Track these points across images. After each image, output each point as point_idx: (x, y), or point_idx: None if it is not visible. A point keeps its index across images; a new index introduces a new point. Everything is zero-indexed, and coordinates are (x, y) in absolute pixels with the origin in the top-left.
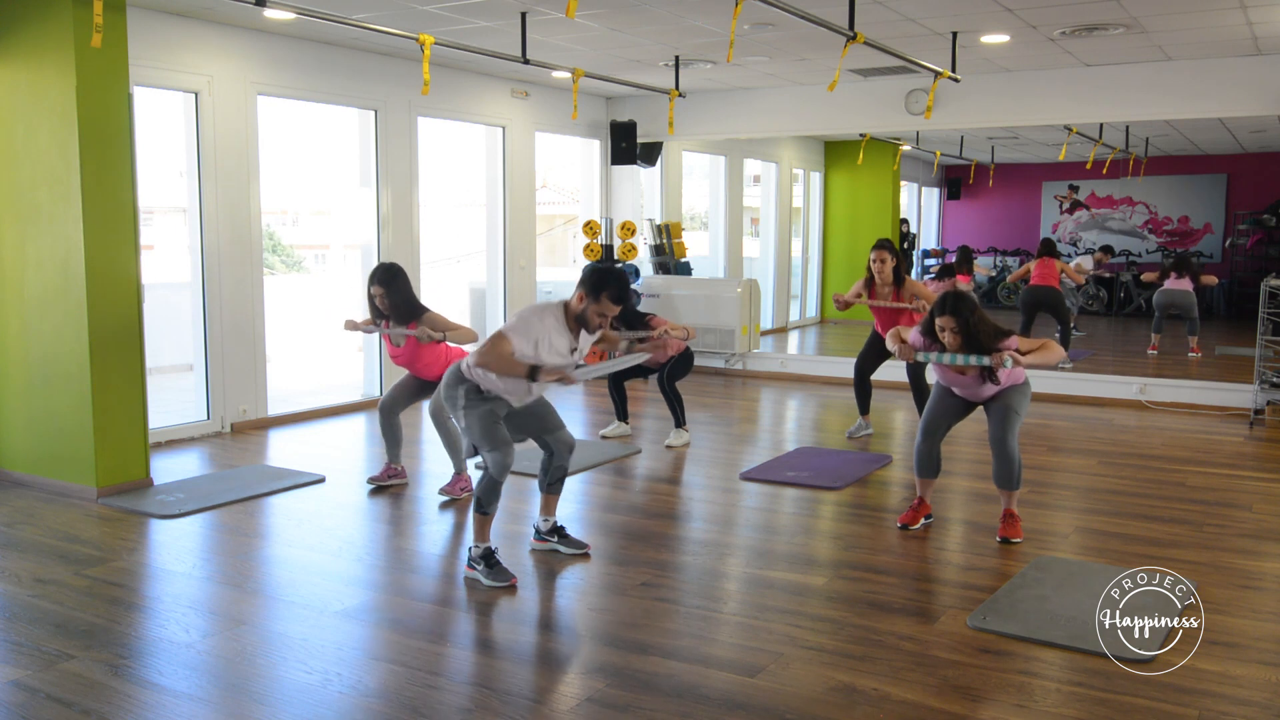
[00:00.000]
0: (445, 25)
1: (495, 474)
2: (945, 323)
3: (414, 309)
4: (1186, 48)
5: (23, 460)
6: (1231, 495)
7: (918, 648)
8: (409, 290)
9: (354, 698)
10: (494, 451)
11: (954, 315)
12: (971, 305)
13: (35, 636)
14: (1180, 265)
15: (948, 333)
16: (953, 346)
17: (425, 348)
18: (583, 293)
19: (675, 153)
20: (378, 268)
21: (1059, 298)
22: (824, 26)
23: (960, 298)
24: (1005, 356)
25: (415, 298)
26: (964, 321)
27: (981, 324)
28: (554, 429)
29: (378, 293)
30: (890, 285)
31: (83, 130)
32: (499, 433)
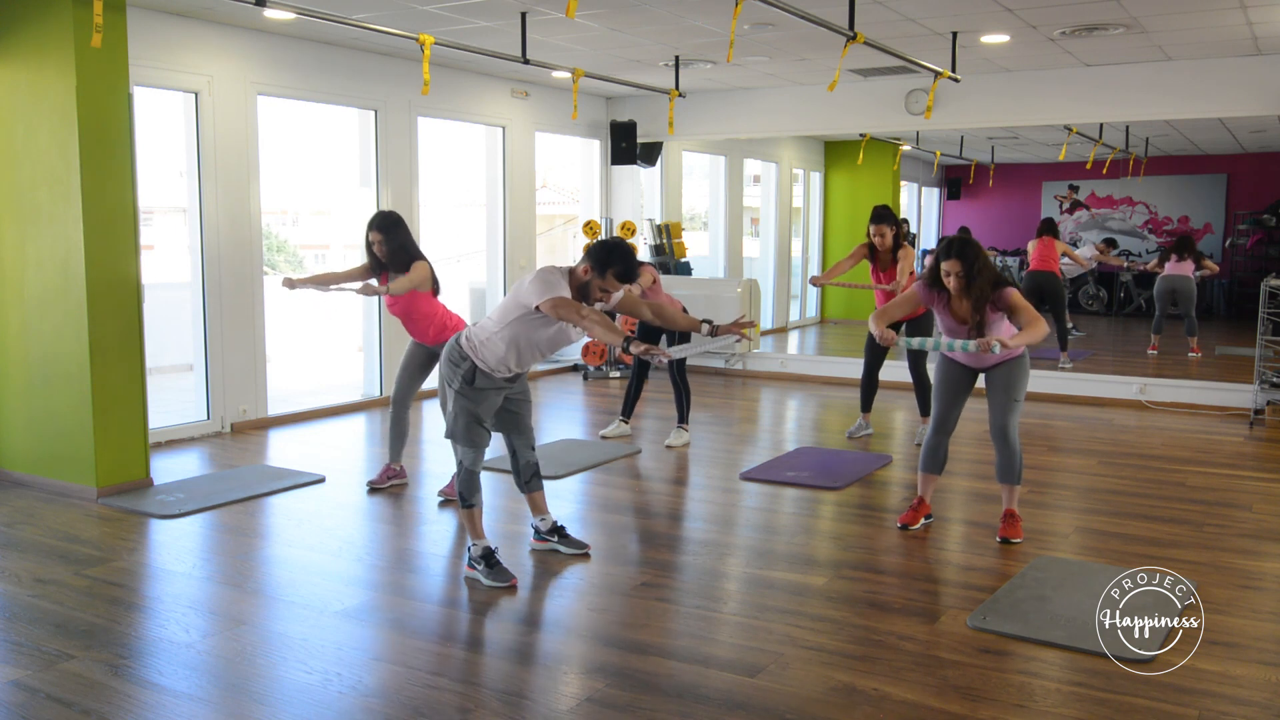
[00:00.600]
0: (445, 25)
1: (470, 465)
2: (951, 267)
3: (410, 255)
4: (1186, 48)
5: (23, 460)
6: (1231, 495)
7: (918, 648)
8: (407, 237)
9: (354, 698)
10: (470, 449)
11: (960, 259)
12: (977, 250)
13: (35, 636)
14: (1181, 247)
15: (953, 277)
16: (956, 290)
17: (421, 299)
18: (589, 265)
19: (675, 153)
20: (377, 214)
21: (1057, 284)
22: (824, 26)
23: (966, 242)
24: (993, 342)
25: (413, 245)
26: (969, 266)
27: (985, 269)
28: (523, 433)
29: (376, 239)
30: (890, 253)
31: (83, 130)
32: (478, 434)
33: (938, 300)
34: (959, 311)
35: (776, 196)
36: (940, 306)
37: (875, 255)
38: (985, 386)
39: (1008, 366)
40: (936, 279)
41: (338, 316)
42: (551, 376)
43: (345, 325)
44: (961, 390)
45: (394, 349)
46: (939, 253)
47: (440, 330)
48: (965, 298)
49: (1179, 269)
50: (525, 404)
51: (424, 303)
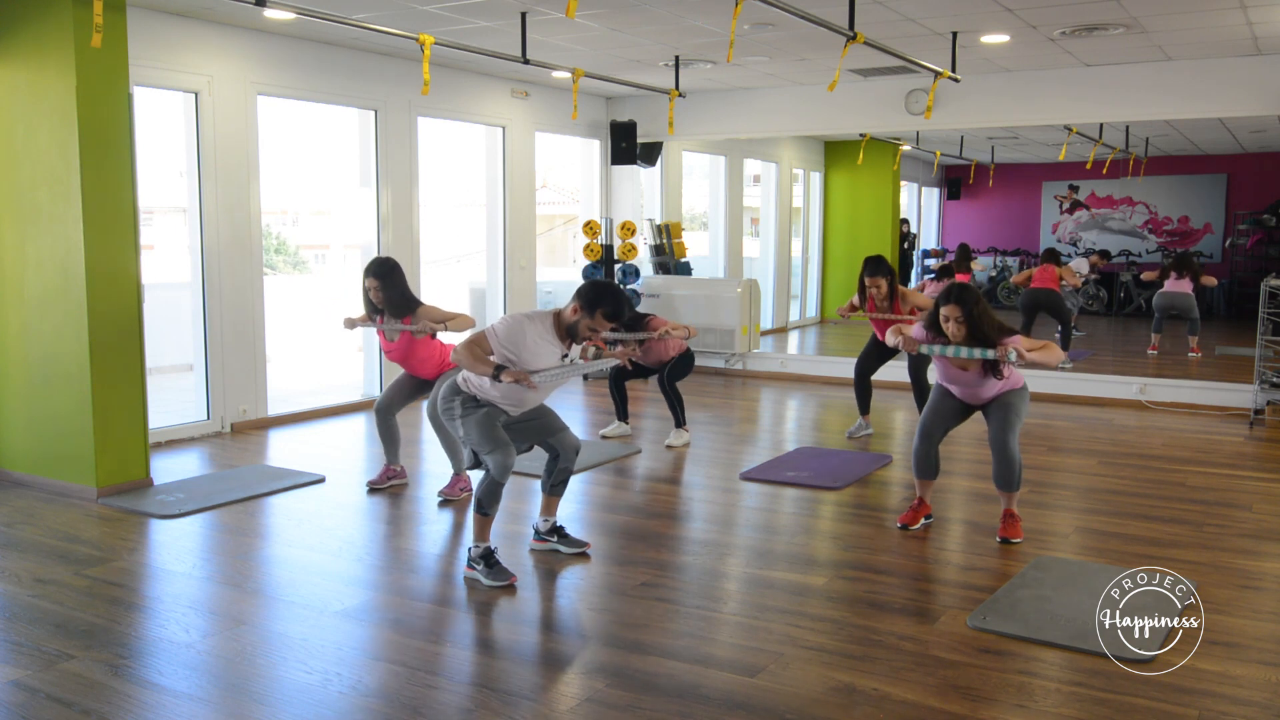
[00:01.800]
0: (445, 25)
1: (496, 475)
2: (950, 312)
3: (409, 303)
4: (1186, 48)
5: (23, 460)
6: (1231, 495)
7: (918, 648)
8: (404, 284)
9: (354, 698)
10: (494, 453)
11: (959, 304)
12: (976, 296)
13: (35, 636)
14: (1180, 265)
15: (952, 322)
16: (956, 337)
17: (419, 344)
18: (577, 305)
19: (675, 153)
20: (373, 261)
21: (1058, 299)
22: (824, 26)
23: (965, 288)
24: (1009, 349)
25: (410, 292)
26: (968, 311)
27: (985, 315)
28: (557, 431)
29: (372, 286)
30: (887, 301)
31: (83, 130)
32: (498, 434)
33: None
34: (957, 359)
35: (776, 196)
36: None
37: (870, 302)
38: (984, 411)
39: (1006, 397)
40: (935, 323)
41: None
42: None
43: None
44: (953, 420)
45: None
46: (938, 299)
47: (440, 365)
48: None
49: (1178, 286)
50: (542, 409)
51: (422, 346)
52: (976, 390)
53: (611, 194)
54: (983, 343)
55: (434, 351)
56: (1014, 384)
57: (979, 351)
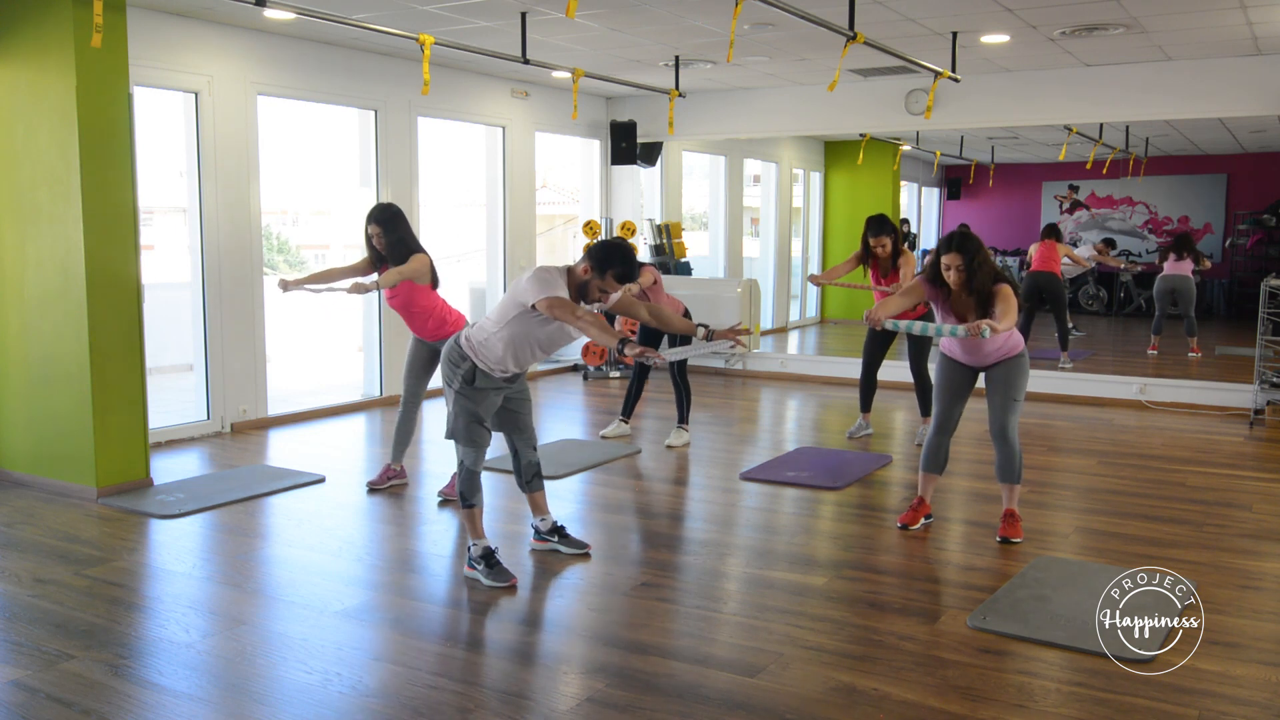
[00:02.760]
0: (445, 25)
1: (471, 465)
2: (951, 260)
3: (409, 248)
4: (1186, 48)
5: (23, 460)
6: (1231, 495)
7: (918, 648)
8: (407, 230)
9: (354, 698)
10: (470, 449)
11: (960, 253)
12: (977, 244)
13: (35, 636)
14: (1180, 245)
15: (953, 271)
16: (956, 285)
17: (419, 292)
18: (589, 264)
19: (675, 153)
20: (375, 207)
21: (1058, 285)
22: (824, 26)
23: (966, 236)
24: (983, 326)
25: (412, 238)
26: (969, 260)
27: (985, 265)
28: (525, 430)
29: (375, 232)
30: (890, 260)
31: (83, 130)
32: (478, 434)
33: (939, 295)
34: (960, 306)
35: (776, 196)
36: (941, 302)
37: (875, 261)
38: (985, 386)
39: (1007, 365)
40: (937, 274)
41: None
42: (551, 376)
43: (345, 325)
44: (962, 390)
45: (394, 349)
46: (939, 247)
47: (439, 325)
48: (966, 293)
49: (1178, 268)
50: (525, 403)
51: (423, 296)
52: (977, 343)
53: (611, 194)
54: (979, 289)
55: (435, 306)
56: (1014, 347)
57: (948, 329)
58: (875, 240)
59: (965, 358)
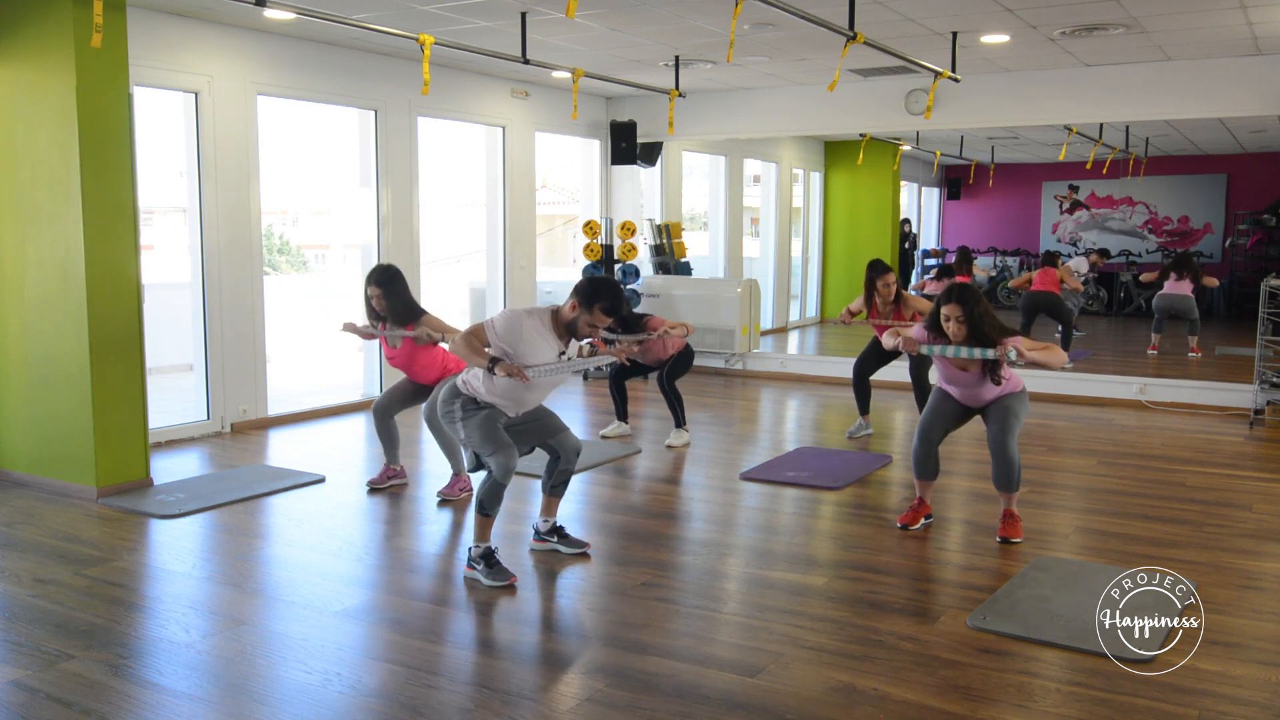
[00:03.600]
0: (445, 25)
1: (499, 477)
2: (951, 311)
3: (411, 311)
4: (1186, 48)
5: (23, 460)
6: (1231, 495)
7: (918, 648)
8: (406, 292)
9: (354, 698)
10: (496, 455)
11: (960, 304)
12: (977, 296)
13: (35, 636)
14: (1180, 265)
15: (953, 321)
16: (957, 337)
17: (422, 351)
18: (576, 301)
19: (675, 153)
20: (375, 269)
21: (1058, 301)
22: (824, 26)
23: (966, 288)
24: (1009, 348)
25: (413, 300)
26: (969, 310)
27: (986, 316)
28: (557, 432)
29: (375, 294)
30: (891, 304)
31: (83, 130)
32: (499, 435)
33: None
34: (957, 359)
35: (776, 196)
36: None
37: (873, 305)
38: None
39: (1005, 400)
40: (937, 324)
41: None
42: None
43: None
44: (951, 421)
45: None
46: (939, 299)
47: (442, 370)
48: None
49: (1178, 288)
50: (542, 410)
51: (425, 353)
52: (976, 392)
53: (611, 194)
54: (983, 343)
55: (436, 359)
56: (1013, 387)
57: (979, 351)
58: (883, 279)
59: (961, 397)
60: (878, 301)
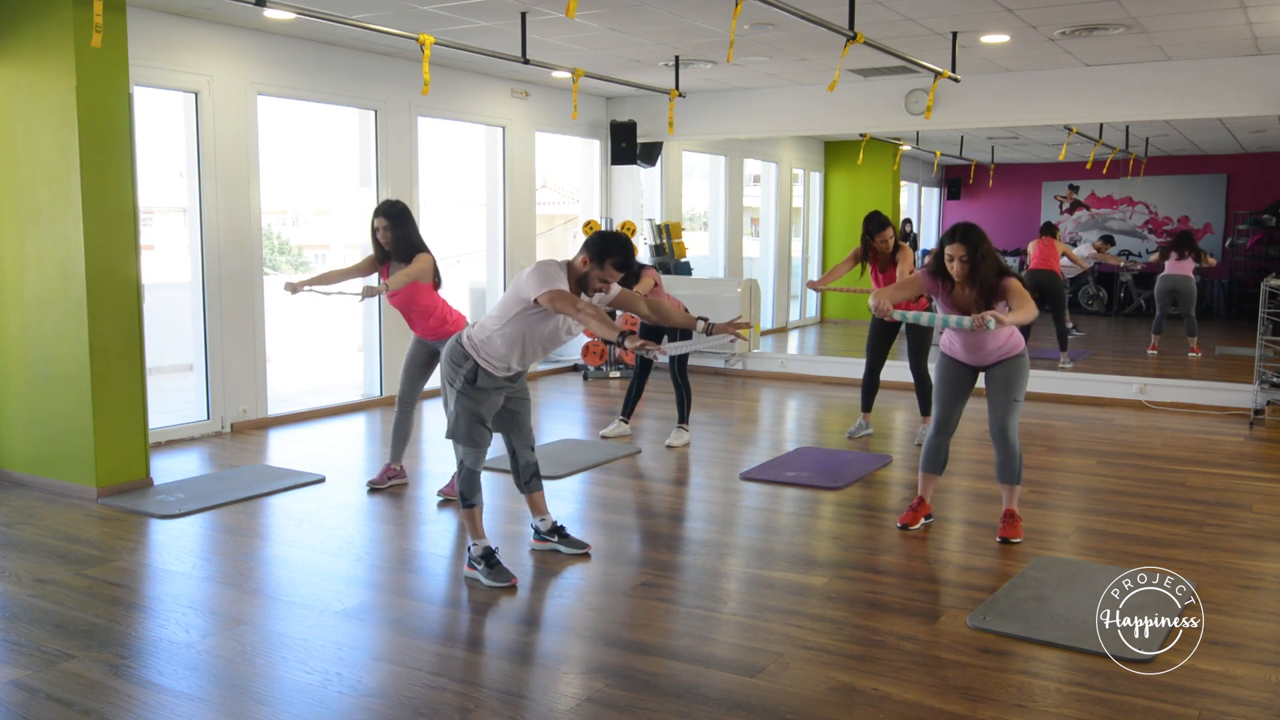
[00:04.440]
0: (445, 25)
1: (471, 465)
2: (955, 250)
3: (414, 246)
4: (1186, 48)
5: (23, 460)
6: (1231, 495)
7: (918, 648)
8: (413, 228)
9: (354, 698)
10: (471, 449)
11: (964, 243)
12: (981, 236)
13: (35, 636)
14: (1181, 244)
15: (956, 261)
16: (960, 276)
17: (422, 292)
18: (587, 256)
19: (675, 153)
20: (384, 202)
21: (1058, 283)
22: (824, 26)
23: (970, 227)
24: (987, 318)
25: (418, 237)
26: (973, 251)
27: (989, 257)
28: (522, 433)
29: (381, 225)
30: (890, 255)
31: (83, 130)
32: (479, 433)
33: (940, 289)
34: (962, 300)
35: (776, 196)
36: (943, 295)
37: (874, 257)
38: (985, 386)
39: (1007, 365)
40: (940, 267)
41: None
42: (551, 376)
43: (345, 325)
44: (962, 389)
45: (394, 349)
46: (943, 237)
47: (440, 324)
48: (969, 285)
49: (1179, 268)
50: (524, 403)
51: (424, 296)
52: (979, 340)
53: (611, 194)
54: (982, 283)
55: (436, 305)
56: (1014, 347)
57: (954, 320)
58: (879, 235)
59: (966, 356)
60: (877, 257)
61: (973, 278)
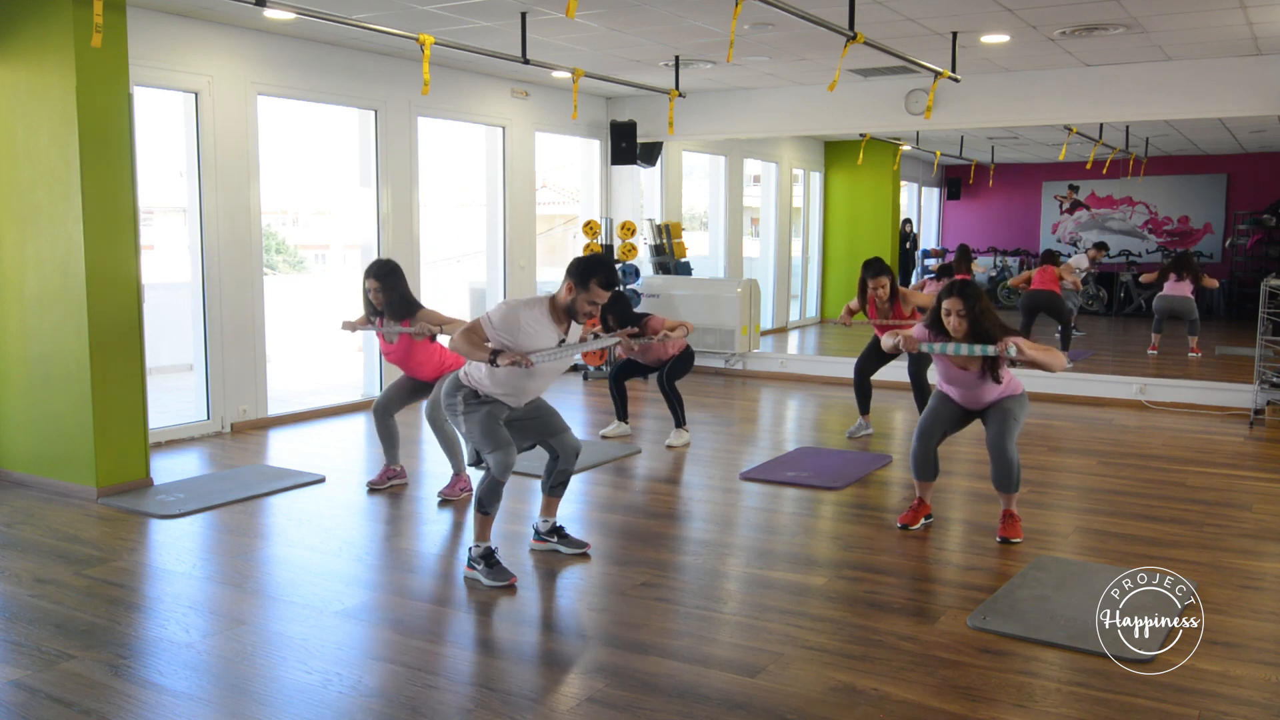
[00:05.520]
0: (445, 25)
1: (497, 474)
2: (952, 305)
3: (409, 305)
4: (1186, 48)
5: (23, 460)
6: (1231, 495)
7: (918, 648)
8: (404, 287)
9: (354, 698)
10: (495, 452)
11: (961, 298)
12: (978, 292)
13: (35, 636)
14: (1180, 266)
15: (954, 316)
16: (958, 332)
17: (418, 346)
18: (571, 283)
19: (675, 153)
20: (374, 263)
21: (1058, 300)
22: (824, 26)
23: (967, 284)
24: (1009, 344)
25: (411, 294)
26: (970, 306)
27: (987, 313)
28: (558, 432)
29: (372, 287)
30: (888, 303)
31: (83, 130)
32: (500, 433)
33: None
34: (958, 357)
35: (776, 196)
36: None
37: (873, 304)
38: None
39: (1005, 403)
40: (938, 321)
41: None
42: None
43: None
44: (952, 425)
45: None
46: (940, 293)
47: (439, 366)
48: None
49: (1178, 289)
50: (544, 406)
51: (421, 348)
52: (976, 392)
53: (611, 194)
54: (983, 339)
55: (433, 354)
56: (1013, 390)
57: (979, 348)
58: (874, 282)
59: (962, 397)
60: (874, 300)
61: (974, 334)
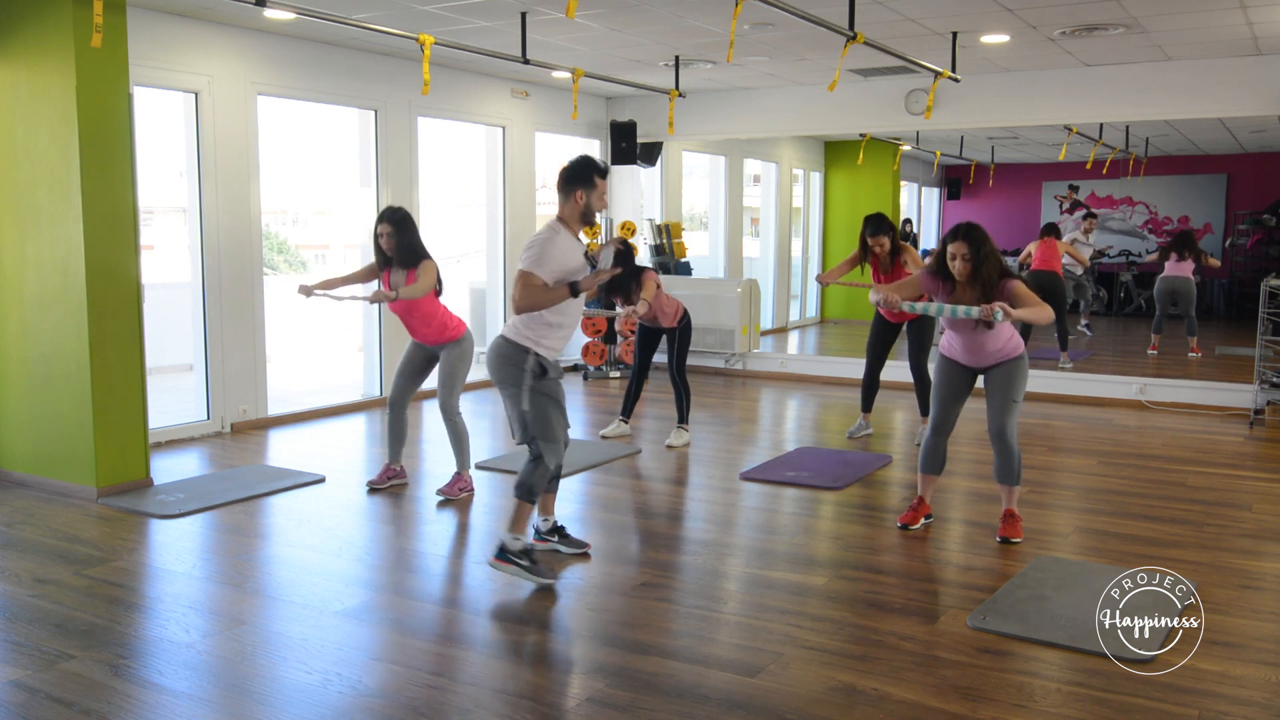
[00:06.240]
0: (445, 25)
1: (555, 462)
2: (957, 249)
3: (416, 254)
4: (1186, 48)
5: (23, 460)
6: (1231, 495)
7: (918, 648)
8: (416, 235)
9: (354, 698)
10: (553, 443)
11: (967, 241)
12: (984, 235)
13: (35, 636)
14: (1181, 245)
15: (959, 260)
16: (962, 275)
17: (421, 300)
18: (579, 190)
19: (675, 153)
20: (388, 208)
21: (1059, 284)
22: (824, 26)
23: (973, 226)
24: (995, 309)
25: (421, 244)
26: (976, 249)
27: (991, 256)
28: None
29: (385, 231)
30: (889, 258)
31: (83, 130)
32: (561, 428)
33: (942, 289)
34: (963, 301)
35: (776, 196)
36: (944, 296)
37: (874, 260)
38: (984, 387)
39: (1006, 367)
40: (942, 266)
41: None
42: None
43: (345, 325)
44: (960, 391)
45: (394, 349)
46: (945, 236)
47: (440, 330)
48: (972, 285)
49: (1179, 269)
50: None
51: (425, 303)
52: (978, 338)
53: (611, 194)
54: (985, 283)
55: (436, 311)
56: (1014, 350)
57: (963, 310)
58: (874, 239)
59: (965, 358)
60: (876, 257)
61: (975, 277)
